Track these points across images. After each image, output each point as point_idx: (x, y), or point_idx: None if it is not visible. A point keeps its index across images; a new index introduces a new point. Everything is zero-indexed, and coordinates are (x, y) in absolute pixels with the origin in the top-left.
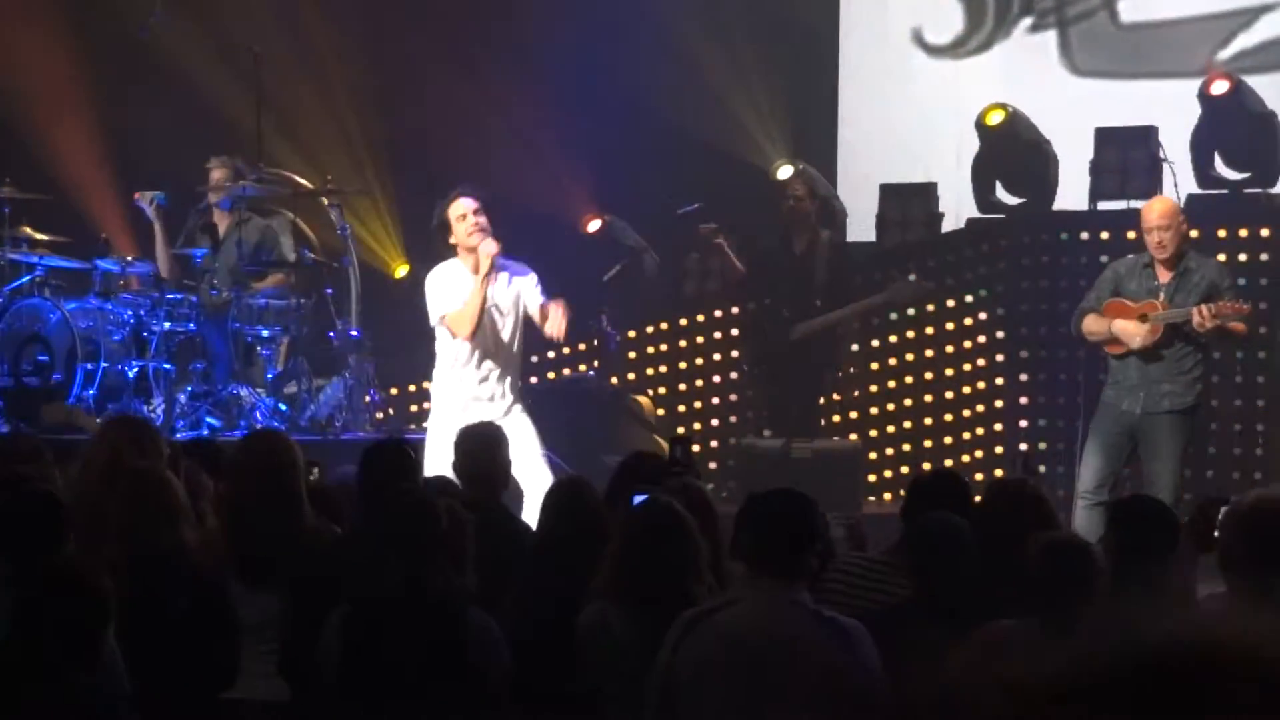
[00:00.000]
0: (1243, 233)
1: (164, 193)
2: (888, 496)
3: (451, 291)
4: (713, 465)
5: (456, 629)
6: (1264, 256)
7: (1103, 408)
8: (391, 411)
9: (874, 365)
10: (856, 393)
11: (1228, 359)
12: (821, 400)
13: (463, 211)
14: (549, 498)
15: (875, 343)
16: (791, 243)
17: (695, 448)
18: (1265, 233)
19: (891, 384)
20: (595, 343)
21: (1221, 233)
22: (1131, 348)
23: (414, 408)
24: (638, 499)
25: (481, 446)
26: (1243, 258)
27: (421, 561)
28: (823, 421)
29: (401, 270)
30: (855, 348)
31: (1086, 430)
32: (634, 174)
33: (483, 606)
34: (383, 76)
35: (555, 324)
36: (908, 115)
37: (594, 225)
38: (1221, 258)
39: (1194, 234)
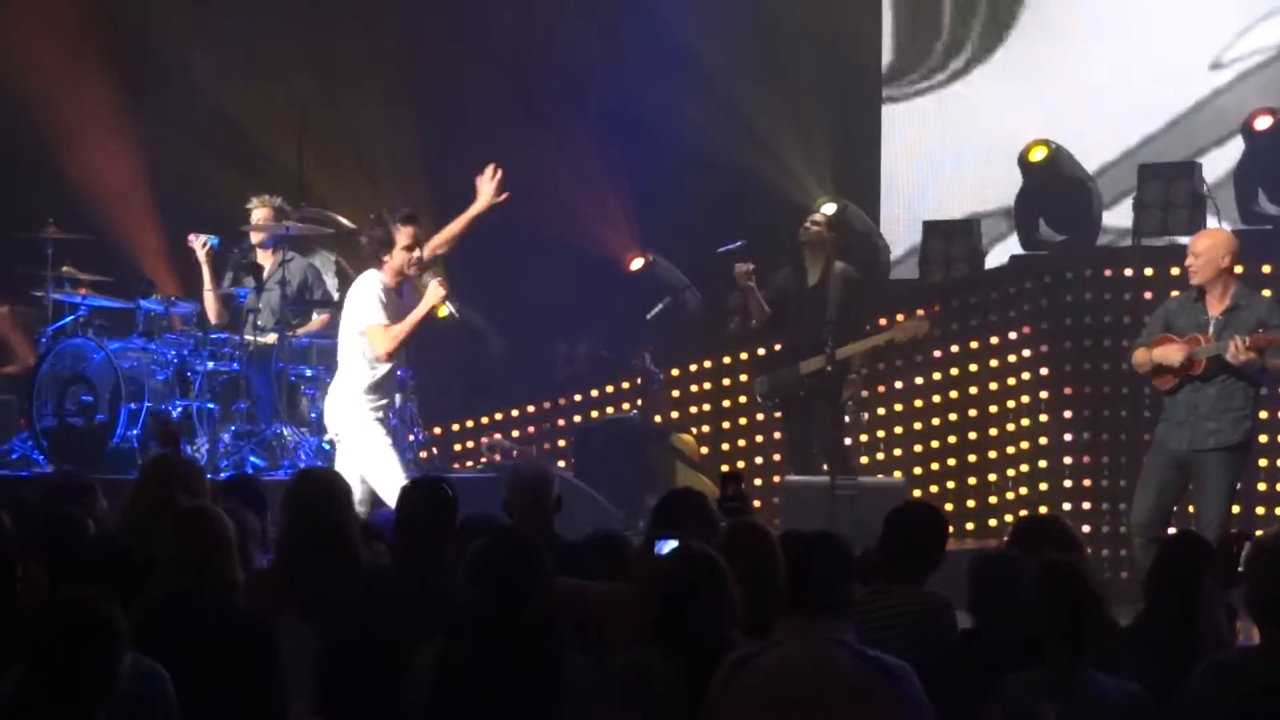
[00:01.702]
0: None
1: (218, 236)
2: None
3: (385, 308)
4: (756, 503)
5: (552, 670)
6: None
7: (1154, 444)
8: (435, 450)
9: (917, 402)
10: (900, 430)
11: None
12: (864, 438)
13: (409, 242)
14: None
15: (919, 380)
16: (806, 273)
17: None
18: None
19: (935, 421)
20: (639, 380)
21: (1266, 268)
22: (1174, 365)
23: (457, 446)
24: (662, 545)
25: (535, 483)
26: None
27: (521, 602)
28: (865, 459)
29: (445, 310)
30: (899, 385)
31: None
32: (677, 212)
33: None
34: (425, 115)
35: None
36: (951, 153)
37: (637, 263)
38: (1266, 293)
39: (1238, 270)
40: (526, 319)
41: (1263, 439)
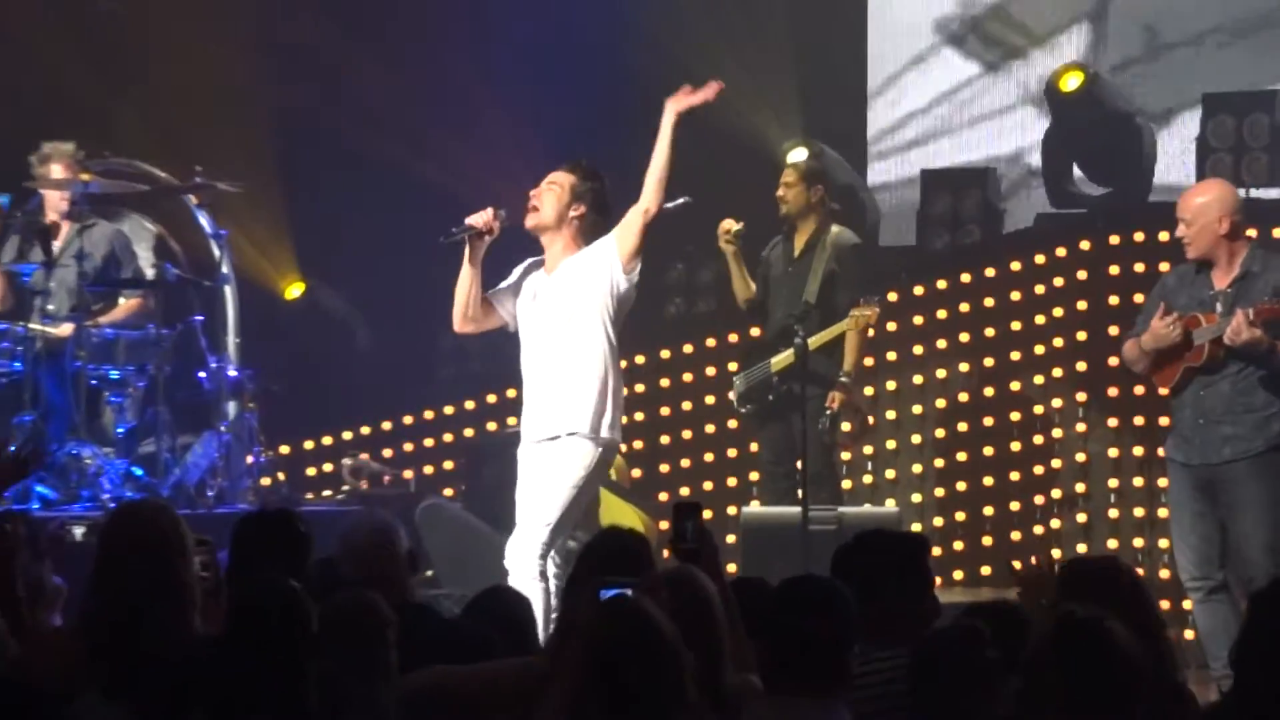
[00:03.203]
0: None
1: (8, 194)
2: (937, 580)
3: (506, 282)
4: None
5: None
6: None
7: (1169, 467)
8: (282, 476)
9: (916, 409)
10: (893, 445)
11: None
12: (846, 456)
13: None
14: None
15: (918, 379)
16: (792, 246)
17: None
18: None
19: (940, 433)
20: None
21: None
22: (1161, 347)
23: (311, 470)
24: (606, 594)
25: (369, 544)
26: None
27: (295, 671)
28: (849, 484)
29: (295, 290)
30: (891, 386)
31: None
32: (605, 160)
33: None
34: (276, 44)
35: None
36: (955, 86)
37: None
38: None
39: (1250, 232)
40: (404, 302)
41: None
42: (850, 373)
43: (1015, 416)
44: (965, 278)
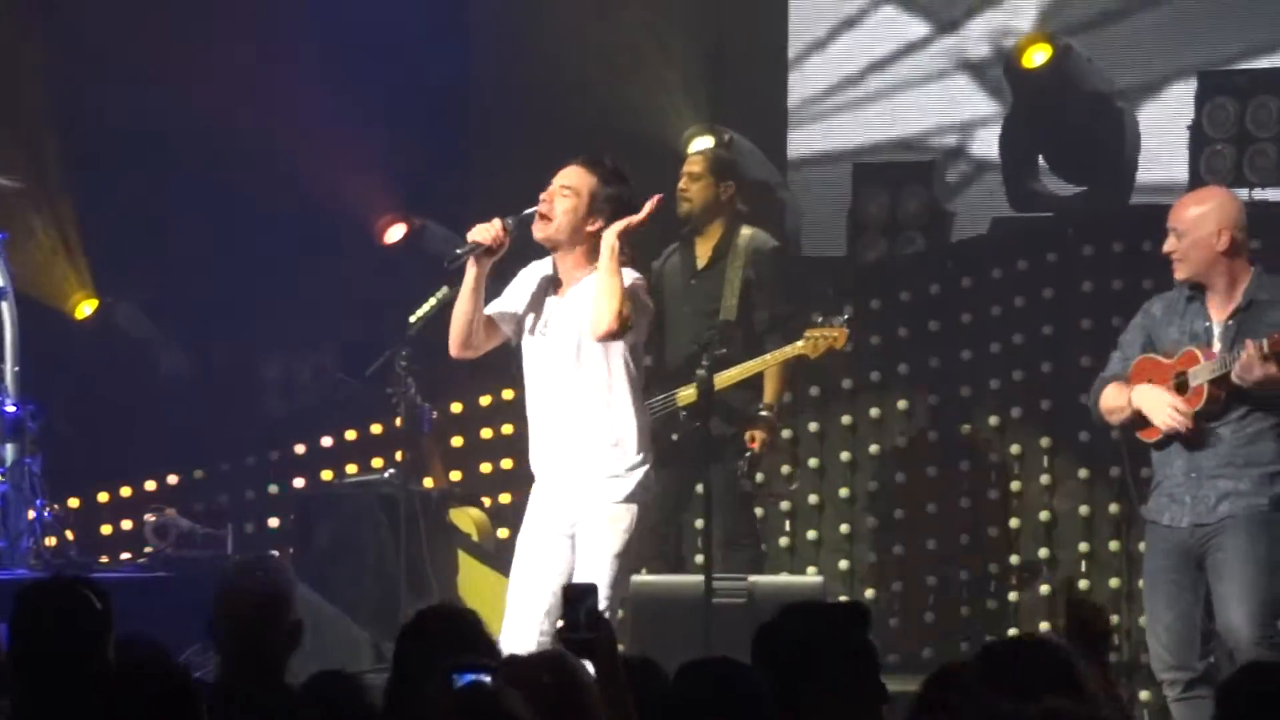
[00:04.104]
0: None
1: None
2: None
3: (509, 293)
4: None
5: None
6: None
7: (1147, 531)
8: (70, 536)
9: (844, 455)
10: (816, 499)
11: None
12: (759, 512)
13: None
14: None
15: (846, 419)
16: (694, 254)
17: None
18: None
19: (873, 485)
20: (396, 421)
21: None
22: (1161, 429)
23: (107, 528)
24: (463, 679)
25: (260, 604)
26: None
27: None
28: (763, 546)
29: (86, 307)
30: (814, 427)
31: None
32: (461, 154)
33: None
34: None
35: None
36: (894, 61)
37: (395, 233)
38: None
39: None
40: (219, 322)
41: None
42: (773, 405)
43: (964, 466)
44: (905, 295)
